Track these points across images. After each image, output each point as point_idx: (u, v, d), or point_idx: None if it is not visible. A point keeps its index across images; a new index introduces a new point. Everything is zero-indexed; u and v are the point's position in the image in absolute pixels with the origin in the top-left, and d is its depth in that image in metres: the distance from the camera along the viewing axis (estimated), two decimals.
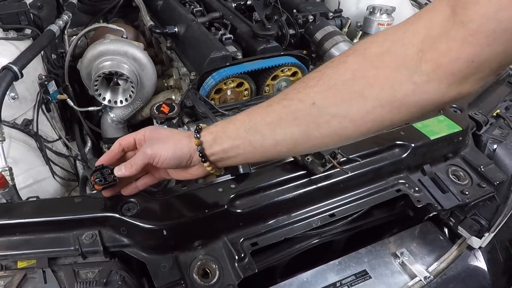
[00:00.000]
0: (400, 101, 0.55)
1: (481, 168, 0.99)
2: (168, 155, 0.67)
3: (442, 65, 0.51)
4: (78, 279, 0.69)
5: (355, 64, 0.57)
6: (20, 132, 1.09)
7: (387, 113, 0.56)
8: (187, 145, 0.68)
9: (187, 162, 0.69)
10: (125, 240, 0.74)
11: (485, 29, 0.46)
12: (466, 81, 0.52)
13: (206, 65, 1.14)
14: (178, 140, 0.69)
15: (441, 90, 0.52)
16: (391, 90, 0.54)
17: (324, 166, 0.83)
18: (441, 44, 0.50)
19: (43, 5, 1.27)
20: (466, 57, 0.49)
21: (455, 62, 0.50)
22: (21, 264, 0.71)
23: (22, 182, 1.01)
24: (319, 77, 0.59)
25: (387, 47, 0.55)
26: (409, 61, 0.53)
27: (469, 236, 0.99)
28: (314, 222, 0.86)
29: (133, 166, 0.69)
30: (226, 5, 1.49)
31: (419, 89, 0.53)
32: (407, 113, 0.56)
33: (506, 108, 1.17)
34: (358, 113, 0.57)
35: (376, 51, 0.56)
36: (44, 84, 1.14)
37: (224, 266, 0.75)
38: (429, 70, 0.52)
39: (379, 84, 0.55)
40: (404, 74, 0.53)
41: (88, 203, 0.76)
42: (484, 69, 0.50)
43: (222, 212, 0.77)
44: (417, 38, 0.52)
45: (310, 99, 0.59)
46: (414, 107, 0.55)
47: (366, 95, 0.56)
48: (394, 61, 0.54)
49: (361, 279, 0.91)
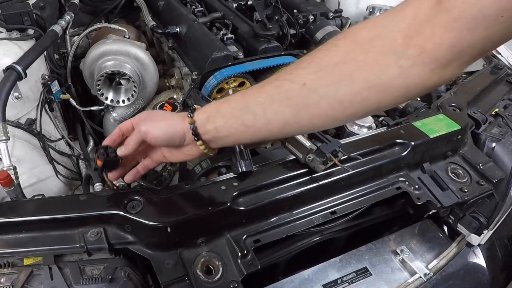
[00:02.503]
0: (387, 84, 0.57)
1: (480, 166, 1.00)
2: (161, 132, 0.70)
3: (427, 50, 0.53)
4: (84, 275, 0.71)
5: (345, 47, 0.59)
6: (23, 132, 1.10)
7: (373, 96, 0.58)
8: (180, 124, 0.70)
9: (180, 141, 0.71)
10: (129, 237, 0.75)
11: (466, 15, 0.49)
12: (448, 66, 0.54)
13: (208, 65, 1.15)
14: (171, 119, 0.71)
15: (425, 74, 0.55)
16: (378, 73, 0.56)
17: (325, 164, 0.84)
18: (426, 30, 0.52)
19: (45, 6, 1.28)
20: (449, 42, 0.51)
21: (438, 47, 0.52)
22: (27, 261, 0.72)
23: (26, 181, 1.02)
24: (311, 60, 0.61)
25: (376, 32, 0.57)
26: (397, 46, 0.55)
27: (468, 234, 1.00)
28: (315, 220, 0.87)
29: (129, 144, 0.73)
30: (227, 5, 1.50)
31: (405, 73, 0.55)
32: (392, 96, 0.59)
33: (504, 106, 1.19)
34: (347, 94, 0.59)
35: (366, 36, 0.58)
36: (47, 84, 1.15)
37: (227, 263, 0.76)
38: (414, 55, 0.54)
39: (368, 67, 0.57)
40: (391, 58, 0.55)
41: (93, 201, 0.77)
42: (466, 54, 0.53)
43: (225, 210, 0.78)
44: (405, 24, 0.54)
45: (301, 80, 0.61)
46: (399, 91, 0.58)
47: (355, 77, 0.58)
48: (383, 46, 0.56)
49: (361, 276, 0.92)
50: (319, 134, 0.84)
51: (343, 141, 0.92)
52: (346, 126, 1.12)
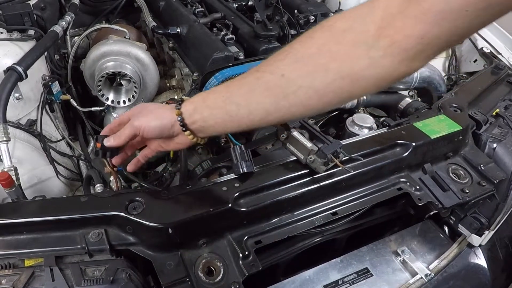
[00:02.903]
0: (358, 74, 0.60)
1: (481, 167, 1.00)
2: (151, 125, 0.74)
3: (397, 41, 0.55)
4: (85, 277, 0.71)
5: (321, 39, 0.62)
6: (24, 132, 1.10)
7: (346, 85, 0.61)
8: (168, 116, 0.74)
9: (170, 132, 0.75)
10: (131, 238, 0.75)
11: (435, 8, 0.51)
12: (416, 57, 0.57)
13: (208, 66, 1.14)
14: (161, 111, 0.75)
15: (394, 65, 0.57)
16: (350, 64, 0.59)
17: (326, 165, 0.84)
18: (397, 21, 0.55)
19: (46, 6, 1.28)
20: (418, 34, 0.54)
21: (408, 38, 0.54)
22: (28, 262, 0.72)
23: (27, 182, 1.02)
24: (288, 51, 0.64)
25: (350, 24, 0.60)
26: (369, 37, 0.57)
27: (469, 234, 1.00)
28: (316, 221, 0.87)
29: (121, 137, 0.77)
30: (227, 6, 1.50)
31: (375, 63, 0.58)
32: (364, 86, 0.62)
33: (505, 107, 1.19)
34: (321, 84, 0.62)
35: (340, 27, 0.61)
36: (48, 85, 1.15)
37: (229, 264, 0.76)
38: (385, 46, 0.56)
39: (341, 58, 0.60)
40: (363, 49, 0.58)
41: (94, 202, 0.77)
42: (433, 46, 0.55)
43: (226, 211, 0.78)
44: (377, 16, 0.57)
45: (280, 71, 0.63)
46: (370, 81, 0.61)
47: (329, 68, 0.60)
48: (356, 37, 0.59)
49: (362, 277, 0.92)
50: (321, 135, 0.84)
51: (344, 142, 0.92)
52: (347, 126, 1.12)
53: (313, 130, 0.85)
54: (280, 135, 0.87)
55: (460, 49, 1.57)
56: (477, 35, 1.52)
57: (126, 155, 0.85)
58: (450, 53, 1.57)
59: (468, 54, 1.54)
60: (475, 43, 1.51)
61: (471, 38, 1.52)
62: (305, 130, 0.86)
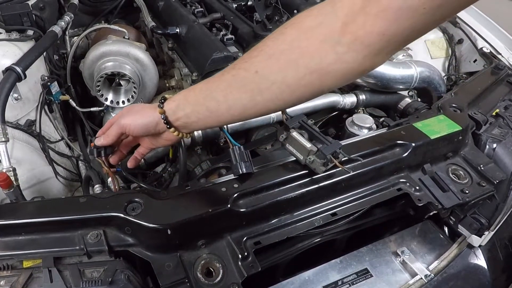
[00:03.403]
0: (326, 69, 0.62)
1: (481, 167, 1.00)
2: (136, 124, 0.78)
3: (359, 37, 0.58)
4: (84, 278, 0.70)
5: (290, 36, 0.64)
6: (23, 133, 1.09)
7: (316, 80, 0.64)
8: (152, 114, 0.77)
9: (155, 129, 0.78)
10: (129, 239, 0.75)
11: (393, 6, 0.54)
12: (379, 53, 0.59)
13: (208, 66, 1.14)
14: (145, 110, 0.79)
15: (358, 60, 0.60)
16: (318, 59, 0.62)
17: (326, 166, 0.84)
18: (360, 18, 0.57)
19: (45, 6, 1.27)
20: (378, 30, 0.56)
21: (369, 34, 0.57)
22: (26, 263, 0.72)
23: (26, 183, 1.02)
24: (261, 48, 0.66)
25: (318, 21, 0.62)
26: (334, 33, 0.59)
27: (469, 235, 1.00)
28: (316, 221, 0.86)
29: (109, 136, 0.81)
30: (227, 6, 1.49)
31: (340, 59, 0.60)
32: (333, 80, 0.64)
33: (505, 107, 1.19)
34: (292, 79, 0.64)
35: (309, 24, 0.63)
36: (46, 85, 1.14)
37: (228, 265, 0.76)
38: (349, 42, 0.59)
39: (309, 54, 0.62)
40: (330, 45, 0.60)
41: (93, 203, 0.77)
42: (394, 42, 0.58)
43: (225, 212, 0.78)
44: (343, 12, 0.59)
45: (254, 68, 0.66)
46: (337, 75, 0.63)
47: (299, 63, 0.63)
48: (323, 33, 0.61)
49: (362, 278, 0.92)
50: (320, 136, 0.84)
51: (343, 142, 0.92)
52: (346, 127, 1.12)
53: (312, 130, 0.84)
54: (280, 136, 0.87)
55: (460, 49, 1.57)
56: (477, 35, 1.52)
57: (122, 153, 0.88)
58: (450, 53, 1.57)
59: (468, 54, 1.54)
60: (475, 43, 1.51)
61: (471, 38, 1.52)
62: (305, 131, 0.85)
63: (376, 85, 1.26)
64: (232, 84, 0.69)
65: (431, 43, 1.58)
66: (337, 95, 1.26)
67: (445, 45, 1.58)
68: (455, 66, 1.55)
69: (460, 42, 1.56)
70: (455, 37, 1.57)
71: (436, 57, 1.57)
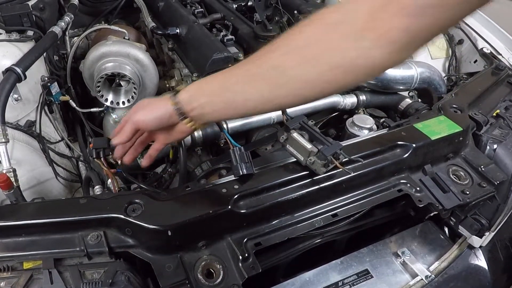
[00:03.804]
0: (349, 65, 0.62)
1: (482, 168, 1.00)
2: (149, 118, 0.76)
3: (384, 33, 0.58)
4: (84, 279, 0.70)
5: (311, 32, 0.64)
6: (23, 134, 1.09)
7: (338, 76, 0.64)
8: (164, 106, 0.75)
9: (169, 121, 0.76)
10: (130, 240, 0.75)
11: (415, 3, 0.54)
12: (404, 48, 0.59)
13: (208, 66, 1.14)
14: (157, 103, 0.77)
15: (383, 56, 0.60)
16: (340, 55, 0.62)
17: (326, 167, 0.83)
18: (384, 15, 0.57)
19: (45, 7, 1.27)
20: (402, 27, 0.57)
21: (393, 31, 0.57)
22: (27, 265, 0.72)
23: (26, 184, 1.02)
24: (280, 43, 0.66)
25: (340, 17, 0.62)
26: (357, 30, 0.59)
27: (469, 235, 1.00)
28: (317, 222, 0.86)
29: (124, 134, 0.79)
30: (227, 6, 1.49)
31: (365, 54, 0.60)
32: (355, 76, 0.64)
33: (505, 108, 1.18)
34: (312, 75, 0.64)
35: (332, 21, 0.63)
36: (47, 86, 1.14)
37: (228, 266, 0.76)
38: (373, 38, 0.59)
39: (331, 50, 0.62)
40: (353, 41, 0.60)
41: (93, 204, 0.77)
42: (417, 39, 0.58)
43: (226, 213, 0.77)
44: (365, 9, 0.59)
45: (270, 63, 0.66)
46: (361, 71, 0.63)
47: (320, 59, 0.63)
48: (345, 30, 0.61)
49: (363, 279, 0.92)
50: (320, 136, 0.83)
51: (344, 143, 0.92)
52: (347, 127, 1.12)
53: (313, 131, 0.84)
54: (280, 137, 0.86)
55: (460, 50, 1.57)
56: (477, 36, 1.52)
57: (137, 152, 0.86)
58: (450, 54, 1.57)
59: (468, 55, 1.53)
60: (475, 43, 1.51)
61: (471, 38, 1.52)
62: (305, 132, 0.85)
63: (377, 86, 1.26)
64: (250, 79, 0.68)
65: (431, 44, 1.58)
66: (337, 95, 1.26)
67: (446, 46, 1.58)
68: (456, 67, 1.55)
69: (461, 43, 1.56)
70: (456, 37, 1.57)
71: (436, 57, 1.57)
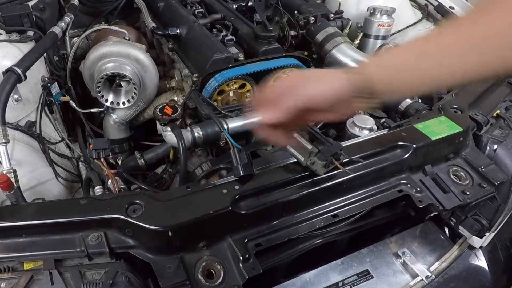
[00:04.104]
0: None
1: (482, 168, 1.00)
2: (324, 93, 0.66)
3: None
4: (85, 280, 0.70)
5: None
6: (23, 134, 1.09)
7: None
8: (339, 81, 0.66)
9: (342, 99, 0.66)
10: (130, 241, 0.75)
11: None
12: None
13: (208, 67, 1.14)
14: (328, 78, 0.68)
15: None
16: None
17: (327, 167, 0.83)
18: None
19: (45, 7, 1.27)
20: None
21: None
22: (27, 265, 0.71)
23: (26, 184, 1.02)
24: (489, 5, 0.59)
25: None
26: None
27: (470, 236, 1.00)
28: (317, 223, 0.86)
29: (283, 111, 0.67)
30: (227, 7, 1.49)
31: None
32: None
33: (506, 108, 1.18)
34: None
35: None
36: (47, 86, 1.14)
37: (229, 267, 0.76)
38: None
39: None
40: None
41: (94, 204, 0.77)
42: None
43: (226, 213, 0.77)
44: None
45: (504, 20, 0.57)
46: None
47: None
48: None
49: (363, 279, 0.92)
50: (321, 137, 0.83)
51: (344, 144, 0.92)
52: (347, 128, 1.12)
53: (313, 131, 0.84)
54: None
55: None
56: None
57: (287, 134, 0.76)
58: None
59: None
60: None
61: None
62: (305, 132, 0.85)
63: None
64: (457, 44, 0.60)
65: None
66: None
67: None
68: None
69: None
70: None
71: None
